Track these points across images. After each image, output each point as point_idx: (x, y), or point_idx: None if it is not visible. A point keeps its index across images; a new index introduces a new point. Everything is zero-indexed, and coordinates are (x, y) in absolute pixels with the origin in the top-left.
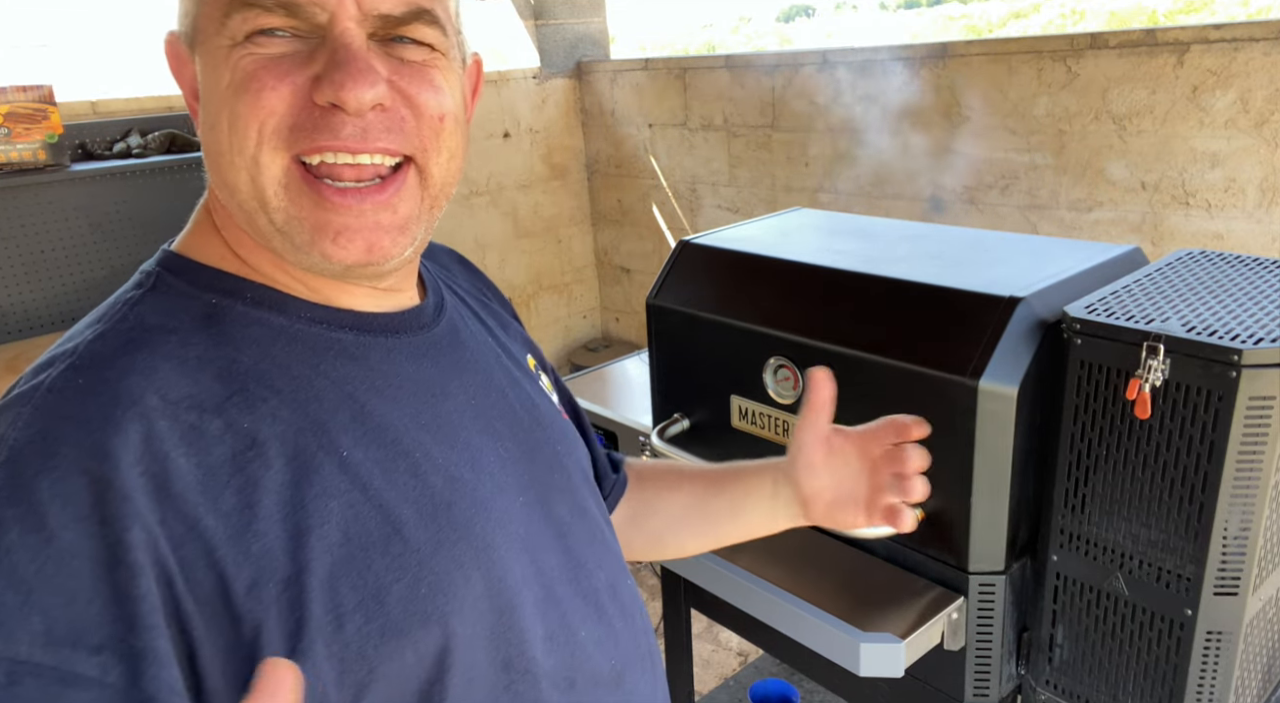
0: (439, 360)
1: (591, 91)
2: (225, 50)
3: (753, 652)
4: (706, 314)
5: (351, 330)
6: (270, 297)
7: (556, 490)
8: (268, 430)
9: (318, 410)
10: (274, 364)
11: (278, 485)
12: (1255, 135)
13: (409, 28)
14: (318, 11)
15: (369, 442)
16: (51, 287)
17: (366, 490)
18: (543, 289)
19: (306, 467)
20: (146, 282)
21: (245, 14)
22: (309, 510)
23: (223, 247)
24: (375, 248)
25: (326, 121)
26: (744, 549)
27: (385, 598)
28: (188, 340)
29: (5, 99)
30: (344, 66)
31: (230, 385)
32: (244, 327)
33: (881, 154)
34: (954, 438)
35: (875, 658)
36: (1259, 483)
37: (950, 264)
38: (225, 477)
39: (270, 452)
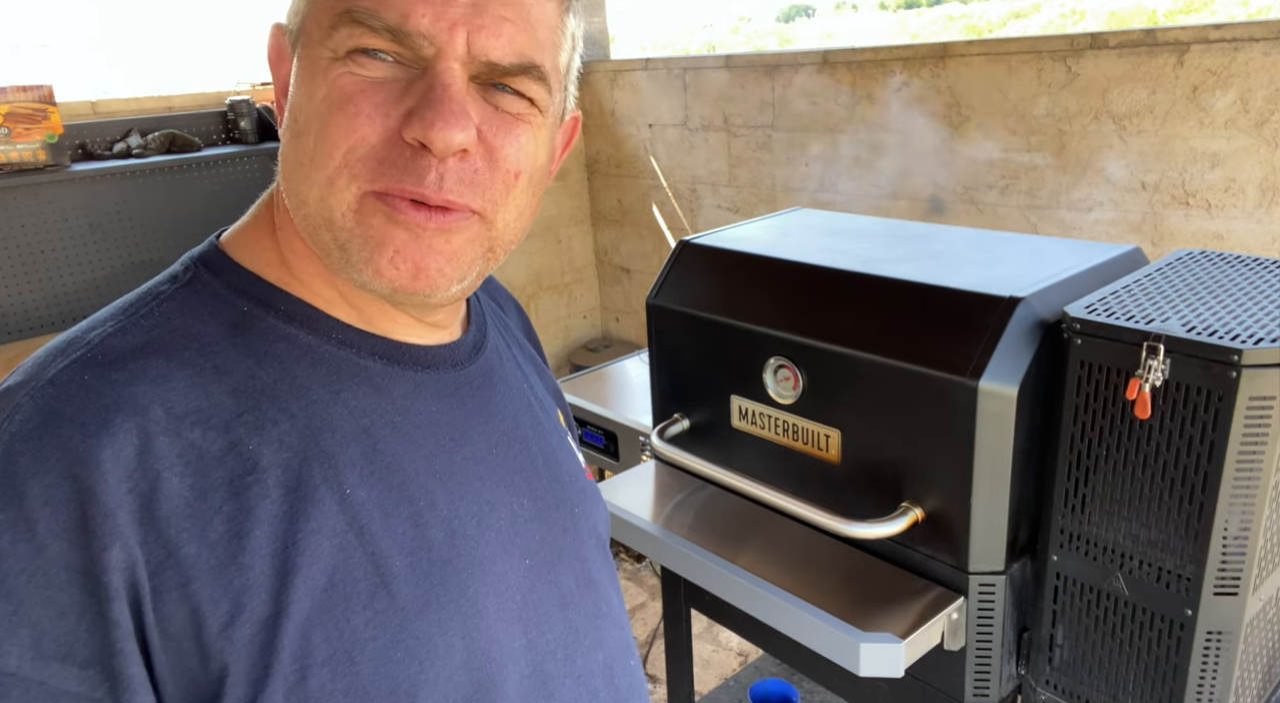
0: (465, 402)
1: (591, 91)
2: (326, 62)
3: (753, 652)
4: (706, 314)
5: (381, 359)
6: (304, 312)
7: (567, 556)
8: (272, 456)
9: (329, 441)
10: (293, 385)
11: (272, 517)
12: (1255, 135)
13: (514, 79)
14: (425, 44)
15: (375, 481)
16: (51, 287)
17: (362, 535)
18: (543, 289)
19: (306, 500)
20: (183, 276)
21: (352, 30)
22: (300, 547)
23: (272, 248)
24: (422, 273)
25: (414, 164)
26: (744, 549)
27: (358, 656)
28: (209, 348)
29: (5, 99)
30: (438, 106)
31: (243, 402)
32: (271, 341)
33: (881, 154)
34: (954, 438)
35: (875, 658)
36: (1259, 483)
37: (950, 264)
38: (218, 502)
39: (270, 480)
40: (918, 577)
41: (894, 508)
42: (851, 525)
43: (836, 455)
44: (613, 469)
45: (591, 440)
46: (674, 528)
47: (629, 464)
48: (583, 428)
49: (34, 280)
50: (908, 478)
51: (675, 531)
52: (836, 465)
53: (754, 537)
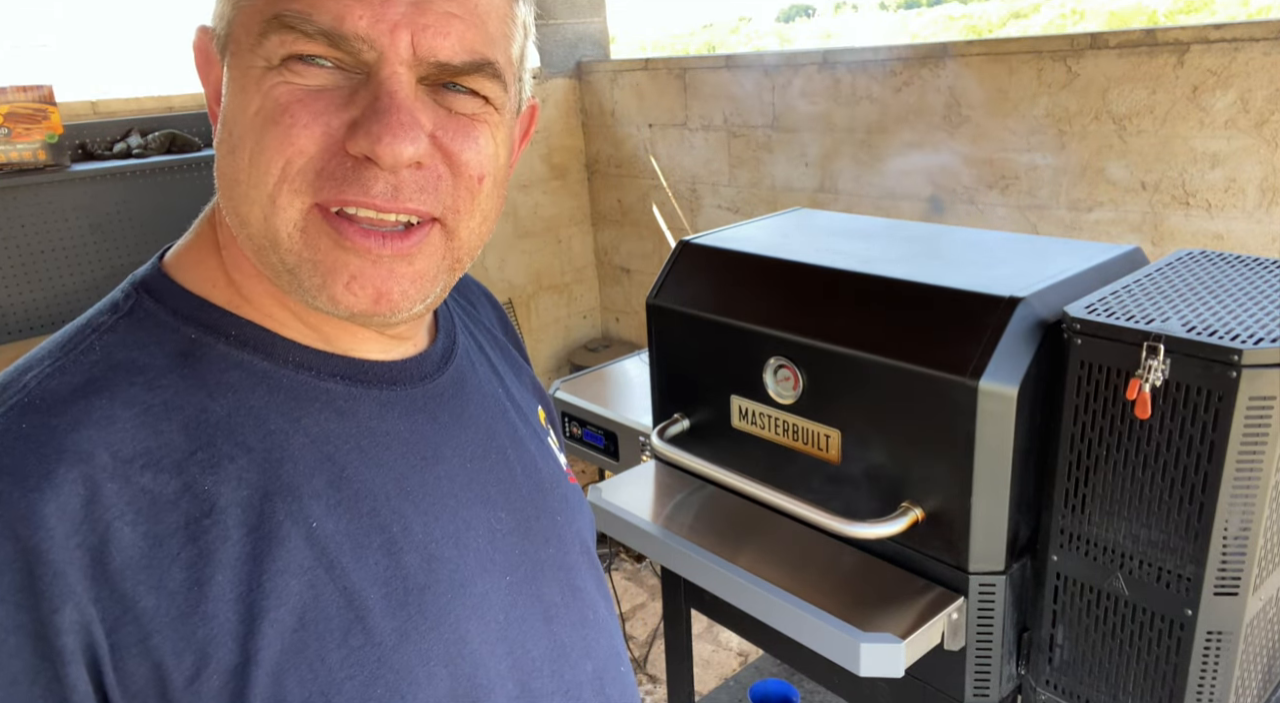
0: (437, 416)
1: (591, 91)
2: (258, 72)
3: (753, 652)
4: (706, 314)
5: (343, 380)
6: (257, 336)
7: (549, 567)
8: (231, 495)
9: (291, 473)
10: (249, 416)
11: (234, 560)
12: (1255, 135)
13: (466, 79)
14: (365, 48)
15: (343, 511)
16: (51, 287)
17: (332, 569)
18: (543, 289)
19: (270, 538)
20: (124, 304)
21: (284, 37)
22: (265, 590)
23: (217, 268)
24: (384, 298)
25: (358, 174)
26: (744, 549)
27: (334, 697)
28: (156, 382)
29: (5, 99)
30: (384, 117)
31: (196, 439)
32: (223, 370)
33: (881, 154)
34: (954, 438)
35: (875, 658)
36: (1259, 483)
37: (950, 264)
38: (175, 548)
39: (230, 520)
40: (918, 577)
41: (894, 508)
42: (851, 526)
43: (836, 455)
44: (613, 469)
45: (591, 440)
46: (674, 528)
47: (629, 464)
48: (583, 428)
49: (34, 280)
50: (908, 478)
51: (675, 531)
52: (836, 465)
53: (754, 537)
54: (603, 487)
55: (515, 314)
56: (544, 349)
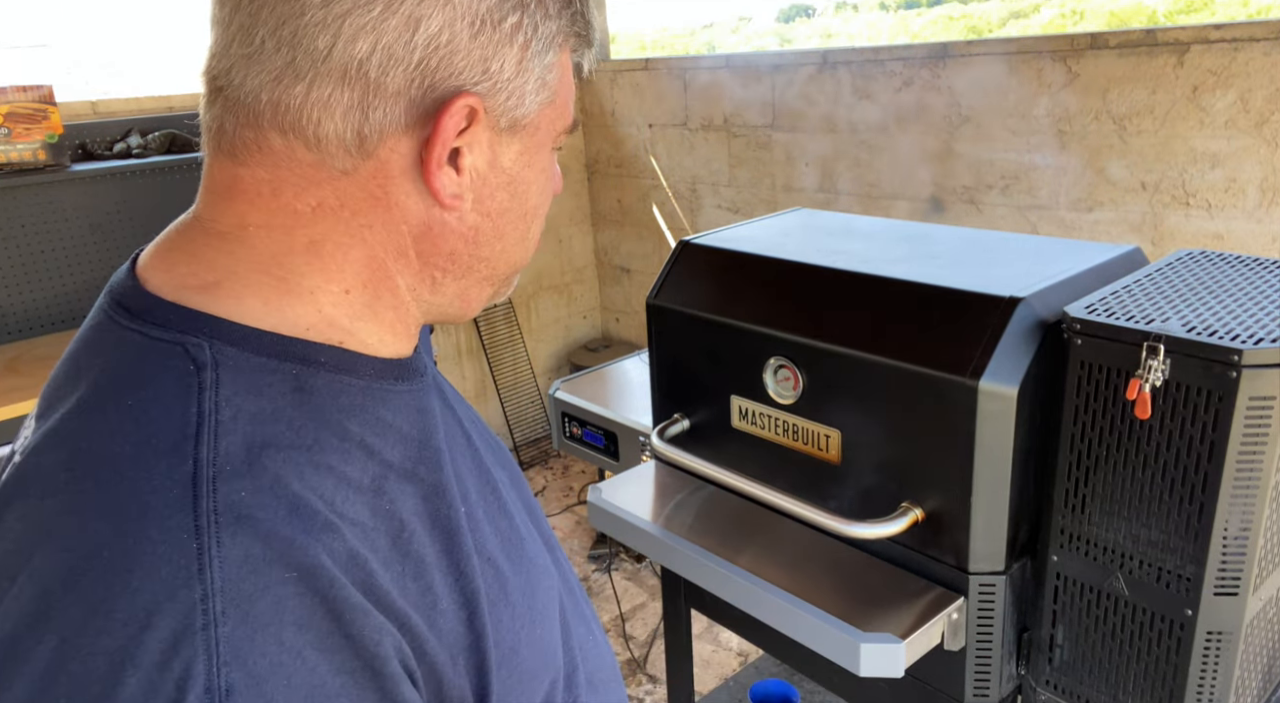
0: (444, 399)
1: (591, 91)
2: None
3: (753, 652)
4: (706, 314)
5: (403, 381)
6: (340, 358)
7: (534, 511)
8: (406, 506)
9: (425, 473)
10: (373, 432)
11: (435, 557)
12: (1255, 135)
13: None
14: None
15: (459, 494)
16: (51, 287)
17: (481, 548)
18: (543, 289)
19: (447, 532)
20: (200, 354)
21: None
22: (467, 575)
23: (311, 312)
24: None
25: None
26: (744, 549)
27: (519, 648)
28: (295, 424)
29: (5, 99)
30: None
31: (354, 466)
32: (333, 396)
33: (881, 154)
34: (954, 438)
35: (875, 658)
36: (1259, 483)
37: (950, 264)
38: (399, 566)
39: (418, 528)
40: (918, 577)
41: (894, 508)
42: (851, 526)
43: (836, 455)
44: (613, 469)
45: (591, 440)
46: (674, 528)
47: (629, 464)
48: (583, 428)
49: (34, 280)
50: (908, 478)
51: (675, 531)
52: (836, 465)
53: (754, 537)
54: (603, 487)
55: (515, 314)
56: (544, 349)
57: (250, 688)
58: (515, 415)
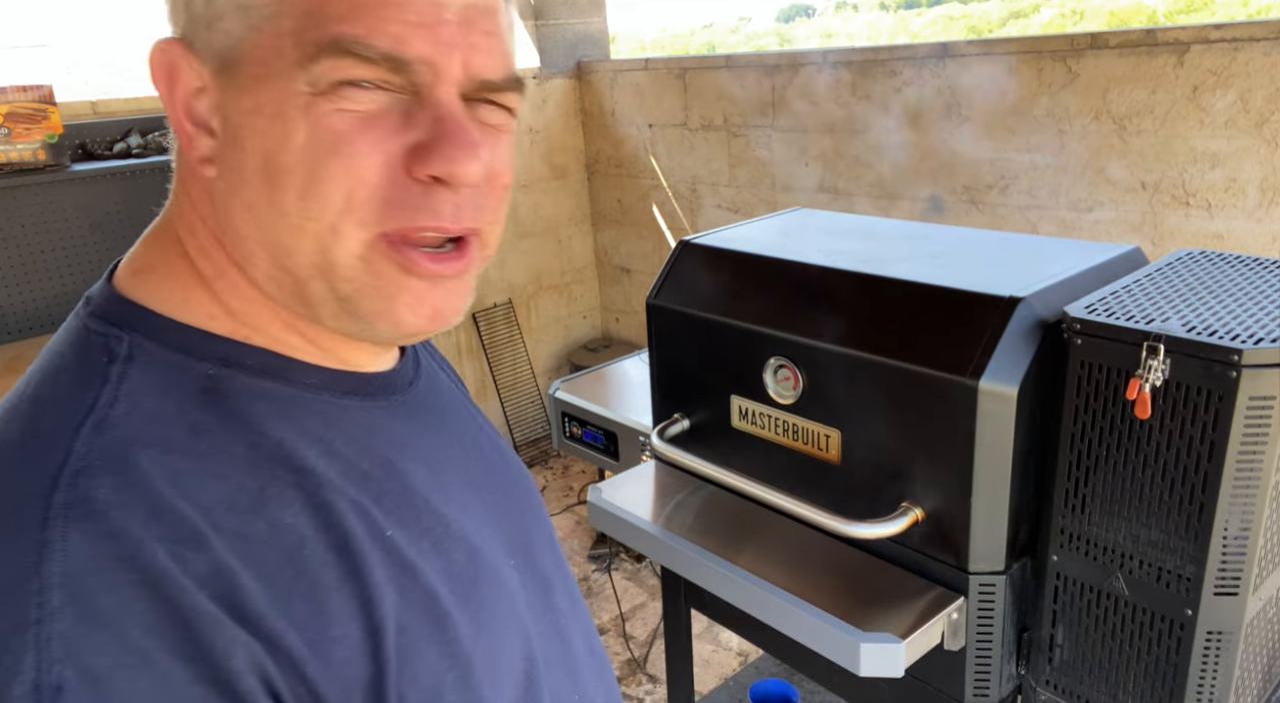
0: (428, 419)
1: (591, 91)
2: (304, 98)
3: (753, 652)
4: (706, 314)
5: (355, 395)
6: (271, 362)
7: (537, 543)
8: (311, 522)
9: (349, 489)
10: (295, 443)
11: (339, 581)
12: (1255, 135)
13: (501, 95)
14: (424, 71)
15: (395, 519)
16: (51, 287)
17: (413, 574)
18: (543, 289)
19: (359, 554)
20: (117, 348)
21: (339, 62)
22: (375, 602)
23: (210, 300)
24: (439, 316)
25: (429, 200)
26: (744, 549)
27: (444, 693)
28: (197, 427)
29: (5, 99)
30: (454, 139)
31: (258, 476)
32: (250, 401)
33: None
34: (954, 438)
35: (875, 658)
36: (1259, 483)
37: (950, 264)
38: (288, 585)
39: (321, 547)
40: (918, 577)
41: (894, 508)
42: (851, 525)
43: (836, 455)
44: (613, 469)
45: (591, 440)
46: (674, 528)
47: (629, 464)
48: (583, 428)
49: (34, 280)
50: (908, 478)
51: (675, 531)
52: (836, 465)
53: (754, 537)
54: (603, 487)
55: (515, 314)
56: (544, 349)
57: (86, 687)
58: (515, 415)
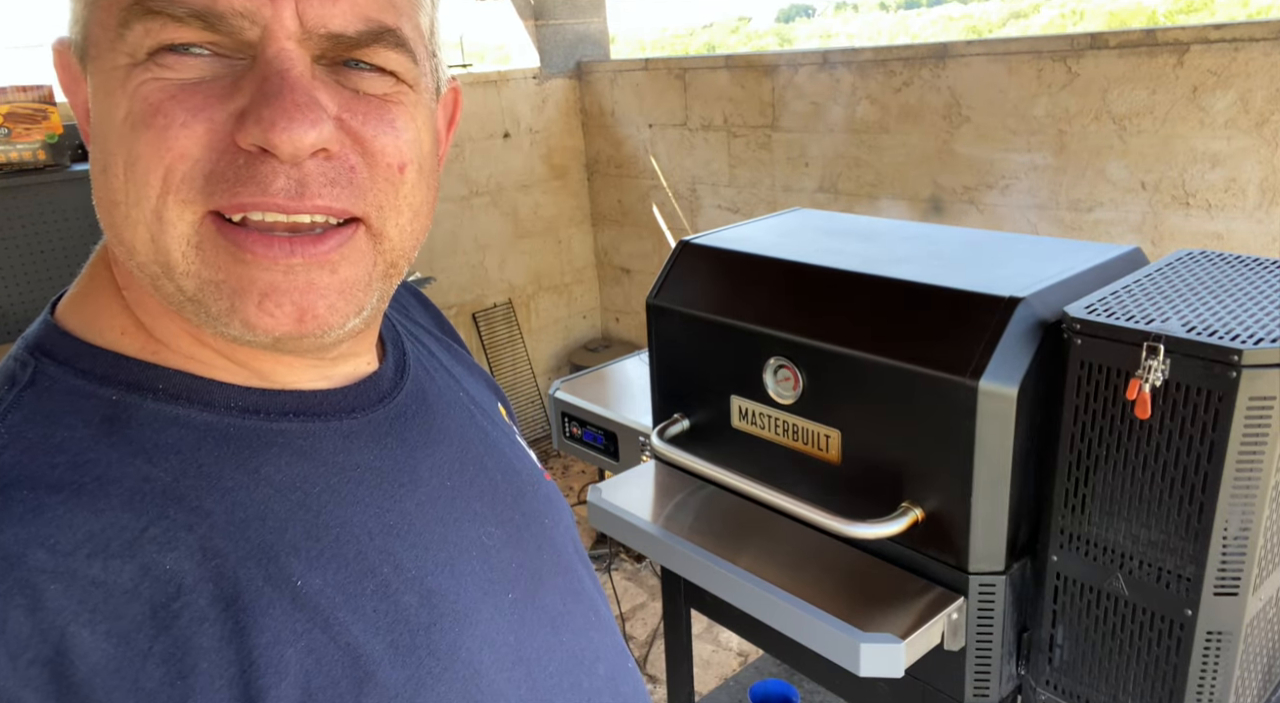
0: (405, 437)
1: (591, 91)
2: (123, 71)
3: (753, 652)
4: (706, 314)
5: (296, 417)
6: (188, 385)
7: (548, 574)
8: (196, 570)
9: (260, 531)
10: (200, 476)
11: (217, 641)
12: (1255, 135)
13: (366, 51)
14: (246, 25)
15: (326, 562)
16: (51, 287)
17: (329, 628)
18: (543, 289)
19: (251, 609)
20: (21, 375)
21: (149, 24)
22: (260, 667)
23: (123, 314)
24: (308, 315)
25: (253, 171)
26: (744, 549)
27: None
28: (82, 458)
29: (5, 99)
30: (276, 99)
31: (143, 513)
32: (157, 430)
33: (881, 154)
34: (954, 438)
35: (875, 658)
36: (1259, 483)
37: (950, 264)
38: (145, 643)
39: (202, 599)
40: (918, 577)
41: (894, 508)
42: (851, 525)
43: (836, 455)
44: (613, 469)
45: (591, 440)
46: (674, 528)
47: (629, 464)
48: (583, 428)
49: (34, 280)
50: (908, 478)
51: (675, 531)
52: (836, 465)
53: (754, 537)
54: (603, 487)
55: (515, 314)
56: (544, 349)
57: None
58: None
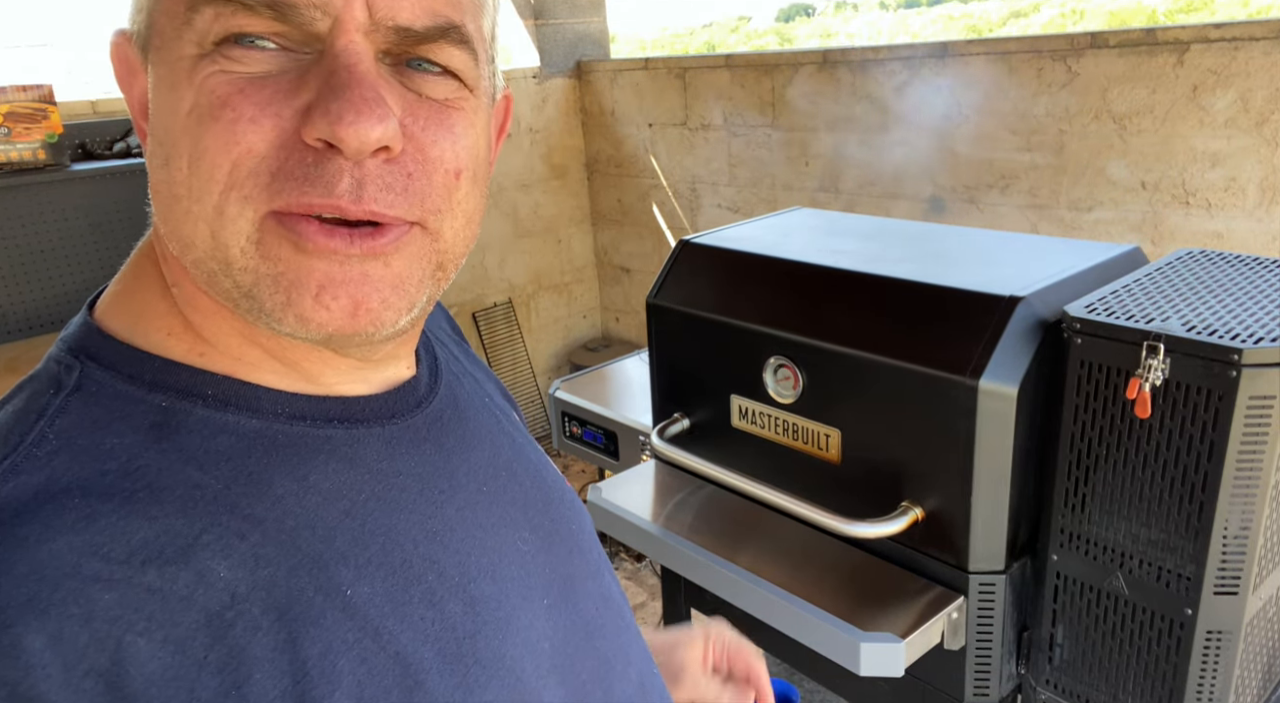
0: (443, 443)
1: (591, 91)
2: (190, 62)
3: None
4: (706, 314)
5: (341, 424)
6: (237, 391)
7: (580, 579)
8: (250, 578)
9: (310, 540)
10: (251, 484)
11: (270, 651)
12: (1255, 135)
13: (432, 47)
14: (317, 16)
15: (374, 571)
16: (51, 287)
17: (379, 637)
18: (543, 289)
19: (303, 619)
20: (68, 380)
21: (218, 9)
22: (313, 678)
23: (169, 314)
24: (362, 308)
25: (320, 171)
26: (744, 549)
27: None
28: (134, 465)
29: (5, 99)
30: (344, 93)
31: (197, 520)
32: (207, 437)
33: (881, 154)
34: (954, 438)
35: (875, 658)
36: (1259, 483)
37: (950, 264)
38: (201, 651)
39: (255, 607)
40: (918, 577)
41: (894, 508)
42: (851, 525)
43: (836, 455)
44: (613, 469)
45: (591, 440)
46: (674, 528)
47: (629, 464)
48: (583, 428)
49: (34, 280)
50: (908, 478)
51: (675, 530)
52: (836, 465)
53: (754, 537)
54: (603, 487)
55: (516, 314)
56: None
57: None
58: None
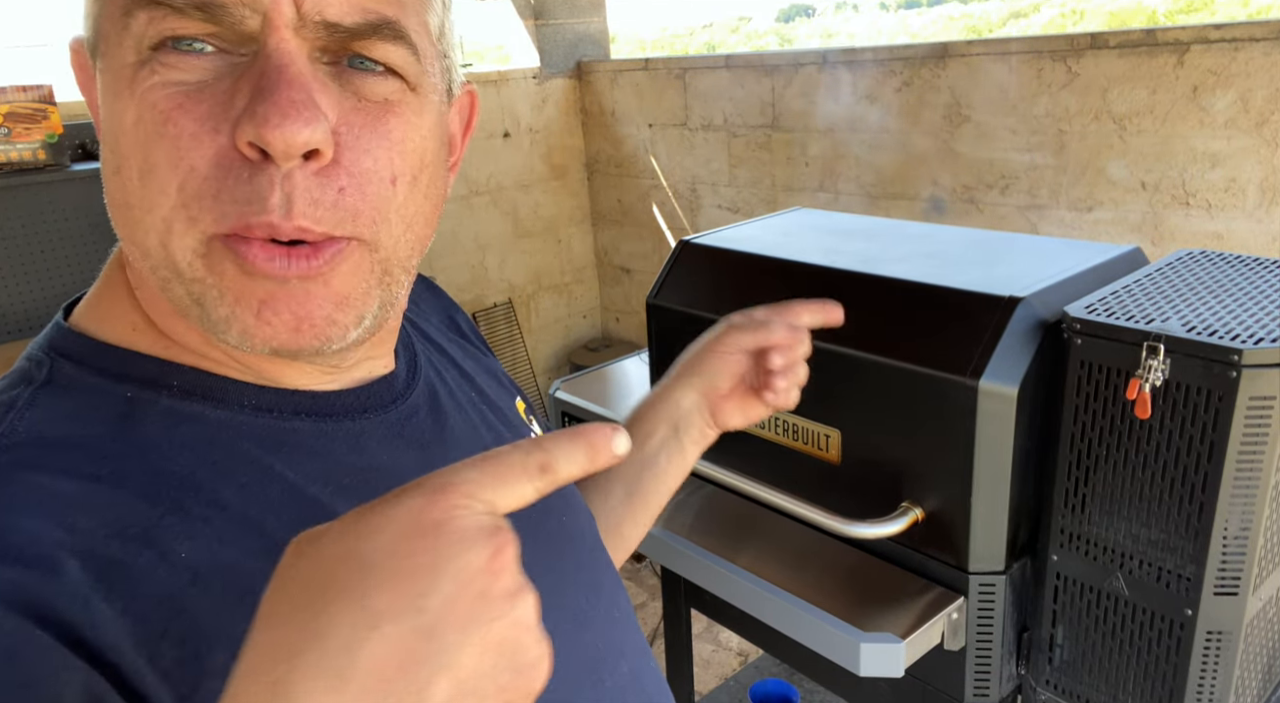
0: (417, 437)
1: (591, 91)
2: (131, 70)
3: (753, 652)
4: (706, 314)
5: (309, 416)
6: (203, 382)
7: (570, 573)
8: (211, 560)
9: (274, 525)
10: (216, 471)
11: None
12: (1255, 135)
13: (366, 44)
14: (246, 14)
15: None
16: (51, 287)
17: None
18: (543, 289)
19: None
20: (38, 375)
21: (151, 13)
22: None
23: (135, 312)
24: (305, 326)
25: (254, 184)
26: (744, 549)
27: None
28: (100, 451)
29: (5, 99)
30: (271, 95)
31: (160, 503)
32: (172, 426)
33: (881, 154)
34: (954, 438)
35: (875, 658)
36: (1259, 483)
37: (950, 264)
38: (161, 624)
39: (216, 588)
40: (918, 577)
41: (894, 508)
42: (851, 525)
43: (836, 455)
44: None
45: None
46: (674, 528)
47: None
48: None
49: (34, 280)
50: (908, 478)
51: (675, 531)
52: (836, 465)
53: (754, 537)
54: None
55: (515, 314)
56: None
57: None
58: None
